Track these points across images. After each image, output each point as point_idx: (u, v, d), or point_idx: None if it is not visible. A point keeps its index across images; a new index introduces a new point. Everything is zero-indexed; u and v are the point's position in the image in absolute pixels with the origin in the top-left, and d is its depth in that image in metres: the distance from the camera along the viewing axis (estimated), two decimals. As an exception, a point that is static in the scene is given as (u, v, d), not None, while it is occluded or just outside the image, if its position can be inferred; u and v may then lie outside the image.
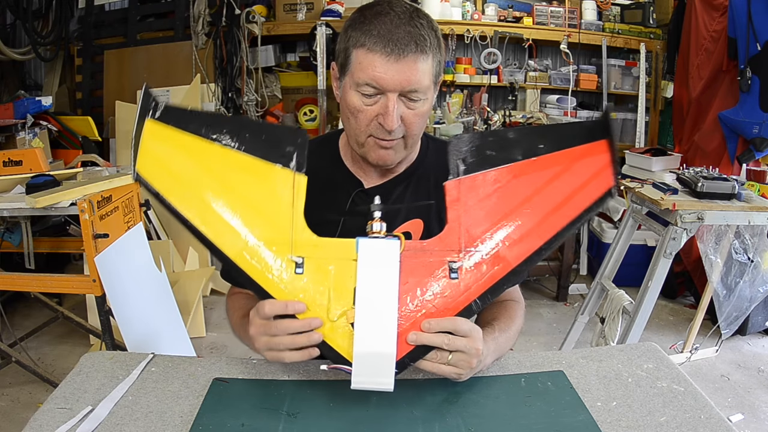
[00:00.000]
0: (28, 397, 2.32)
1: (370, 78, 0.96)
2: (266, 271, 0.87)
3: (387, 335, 0.82)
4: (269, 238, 0.89)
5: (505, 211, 0.90)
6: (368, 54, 0.95)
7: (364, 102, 0.99)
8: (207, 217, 0.89)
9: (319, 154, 1.17)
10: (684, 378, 0.95)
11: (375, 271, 0.85)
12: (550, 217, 0.89)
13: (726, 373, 2.60)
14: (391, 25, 0.95)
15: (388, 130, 0.98)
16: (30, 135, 2.81)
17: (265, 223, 0.90)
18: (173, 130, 0.92)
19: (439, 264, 0.88)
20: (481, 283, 0.87)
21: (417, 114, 1.00)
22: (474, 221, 0.90)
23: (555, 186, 0.91)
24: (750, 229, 2.41)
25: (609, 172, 0.91)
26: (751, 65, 2.79)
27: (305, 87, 3.93)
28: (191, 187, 0.91)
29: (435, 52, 0.98)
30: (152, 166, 0.91)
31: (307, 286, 0.87)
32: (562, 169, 0.91)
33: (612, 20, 3.92)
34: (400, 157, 1.08)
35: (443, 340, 0.84)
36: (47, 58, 3.69)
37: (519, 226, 0.89)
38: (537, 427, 0.83)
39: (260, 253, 0.88)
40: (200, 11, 3.49)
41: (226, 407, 0.86)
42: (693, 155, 3.22)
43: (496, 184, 0.91)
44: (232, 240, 0.89)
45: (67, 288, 2.18)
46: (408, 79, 0.95)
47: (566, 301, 3.44)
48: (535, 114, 3.78)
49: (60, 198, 1.93)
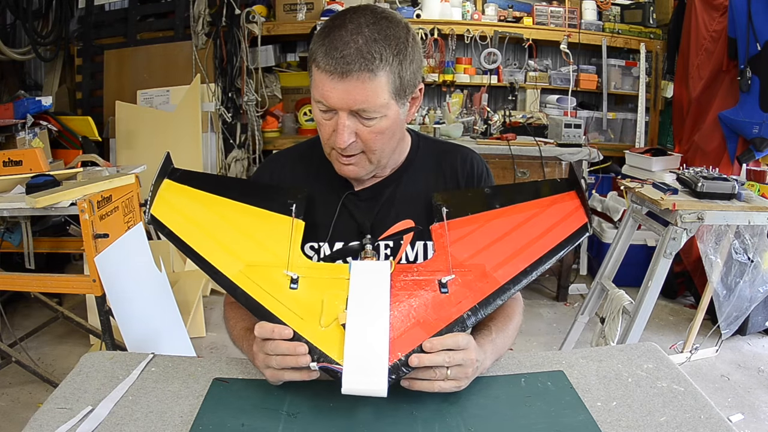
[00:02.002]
0: (28, 397, 2.32)
1: (320, 95, 0.95)
2: (262, 287, 0.91)
3: (378, 337, 0.83)
4: (267, 262, 0.96)
5: (488, 241, 0.99)
6: (318, 72, 0.94)
7: (323, 117, 0.99)
8: (210, 247, 0.97)
9: (310, 156, 1.17)
10: (684, 378, 0.95)
11: (367, 281, 0.90)
12: (531, 245, 0.98)
13: (726, 373, 2.60)
14: (340, 41, 0.92)
15: (338, 147, 0.98)
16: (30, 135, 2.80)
17: (264, 251, 0.98)
18: (188, 188, 1.06)
19: (428, 281, 0.93)
20: (470, 297, 0.91)
21: (374, 131, 0.98)
22: (459, 250, 0.98)
23: (532, 223, 1.02)
24: (750, 229, 2.41)
25: (581, 213, 1.02)
26: (751, 65, 2.79)
27: (305, 87, 3.92)
28: (198, 225, 1.01)
29: (392, 66, 0.94)
30: (165, 210, 1.02)
31: (300, 298, 0.90)
32: (538, 212, 1.04)
33: (612, 20, 3.91)
34: (366, 171, 1.06)
35: (444, 359, 0.83)
36: (47, 58, 3.69)
37: (502, 251, 0.98)
38: (537, 427, 0.83)
39: (257, 272, 0.94)
40: (200, 11, 3.48)
41: (226, 407, 0.86)
42: (693, 155, 3.22)
43: (478, 224, 1.03)
44: (232, 263, 0.95)
45: (67, 288, 2.18)
46: (354, 98, 0.93)
47: (566, 301, 3.44)
48: (535, 114, 3.78)
49: (60, 198, 1.93)
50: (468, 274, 0.94)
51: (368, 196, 1.12)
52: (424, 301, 0.90)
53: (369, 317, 0.85)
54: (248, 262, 0.95)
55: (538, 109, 3.94)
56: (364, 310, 0.85)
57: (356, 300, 0.87)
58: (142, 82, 3.61)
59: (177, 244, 0.98)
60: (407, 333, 0.85)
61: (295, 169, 1.17)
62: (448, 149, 1.21)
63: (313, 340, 0.84)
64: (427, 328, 0.86)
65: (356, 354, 0.81)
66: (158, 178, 1.04)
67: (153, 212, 1.00)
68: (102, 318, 2.00)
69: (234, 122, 3.61)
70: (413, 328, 0.85)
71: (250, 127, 3.64)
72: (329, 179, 1.13)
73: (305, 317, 0.87)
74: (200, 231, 1.00)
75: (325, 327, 0.86)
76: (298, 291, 0.91)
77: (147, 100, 3.59)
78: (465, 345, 0.85)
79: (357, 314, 0.85)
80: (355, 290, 0.88)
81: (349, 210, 1.11)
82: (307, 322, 0.86)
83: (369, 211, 1.11)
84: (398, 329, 0.85)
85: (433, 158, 1.18)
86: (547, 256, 0.96)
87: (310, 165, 1.16)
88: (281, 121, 3.89)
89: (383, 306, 0.86)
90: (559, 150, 3.26)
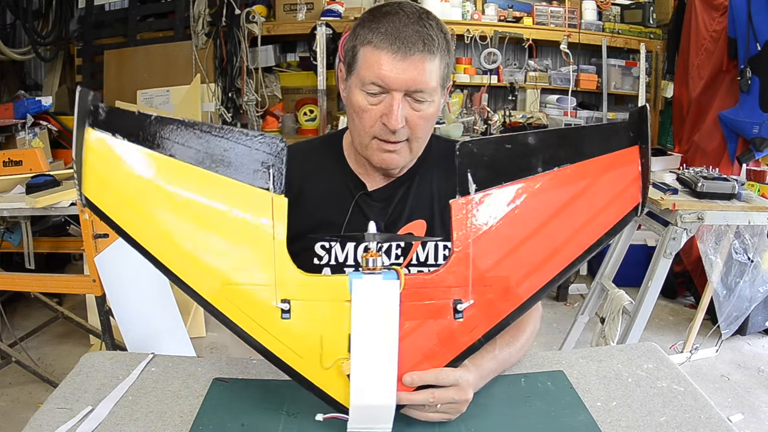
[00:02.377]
0: (28, 397, 2.32)
1: (376, 76, 0.94)
2: (249, 315, 0.78)
3: (386, 386, 0.76)
4: (250, 277, 0.78)
5: (518, 239, 0.81)
6: (375, 51, 0.94)
7: (369, 101, 0.97)
8: (174, 253, 0.78)
9: (323, 153, 1.16)
10: (684, 378, 0.95)
11: (371, 316, 0.76)
12: (567, 245, 0.81)
13: (726, 373, 2.60)
14: (399, 23, 0.94)
15: (391, 129, 0.96)
16: (30, 135, 2.80)
17: (243, 258, 0.79)
18: (121, 143, 0.78)
19: (442, 305, 0.80)
20: (486, 321, 0.81)
21: (422, 116, 0.98)
22: (483, 250, 0.80)
23: (575, 207, 0.81)
24: (750, 229, 2.41)
25: (636, 187, 0.82)
26: (751, 65, 2.78)
27: (305, 87, 3.92)
28: (151, 217, 0.78)
29: (443, 54, 0.97)
30: (101, 188, 0.77)
31: (295, 331, 0.79)
32: (585, 186, 0.81)
33: (612, 20, 3.91)
34: (404, 161, 1.05)
35: (427, 398, 0.81)
36: (47, 58, 3.69)
37: (532, 256, 0.81)
38: (537, 427, 0.83)
39: (241, 295, 0.78)
40: (200, 11, 3.48)
41: (226, 407, 0.86)
42: (693, 155, 3.22)
43: (510, 205, 0.81)
44: (206, 280, 0.78)
45: (67, 288, 2.18)
46: (414, 78, 0.94)
47: (566, 301, 3.44)
48: (535, 114, 3.78)
49: (60, 198, 1.93)
50: (488, 292, 0.80)
51: (381, 196, 1.11)
52: (435, 330, 0.80)
53: (375, 362, 0.76)
54: (225, 279, 0.78)
55: (538, 109, 3.94)
56: (370, 355, 0.76)
57: (360, 340, 0.76)
58: (142, 82, 3.61)
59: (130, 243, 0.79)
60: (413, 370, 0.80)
61: (305, 164, 1.13)
62: None
63: (317, 381, 0.79)
64: (434, 361, 0.81)
65: (363, 404, 0.76)
66: (78, 130, 0.77)
67: (87, 193, 0.77)
68: (102, 318, 2.00)
69: (234, 122, 3.61)
70: (421, 364, 0.80)
71: (250, 127, 3.64)
72: (343, 178, 1.11)
73: (304, 355, 0.79)
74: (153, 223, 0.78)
75: (326, 369, 0.79)
76: (291, 321, 0.79)
77: (147, 100, 3.59)
78: (453, 381, 0.81)
79: (362, 360, 0.76)
80: (358, 325, 0.76)
81: (362, 210, 1.10)
82: (306, 361, 0.79)
83: (382, 211, 1.10)
84: (404, 366, 0.79)
85: (445, 157, 1.15)
86: (578, 259, 0.82)
87: (324, 161, 1.14)
88: (281, 121, 3.89)
89: (391, 346, 0.76)
90: (559, 150, 3.25)
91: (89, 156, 0.77)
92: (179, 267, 0.78)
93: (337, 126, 3.61)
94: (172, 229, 0.79)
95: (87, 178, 0.77)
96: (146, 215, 0.79)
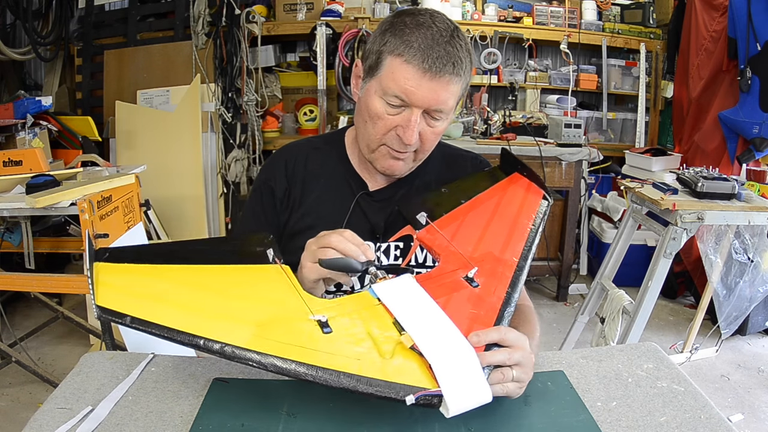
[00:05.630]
0: (28, 397, 2.32)
1: (401, 90, 0.94)
2: (291, 343, 0.74)
3: (457, 343, 0.75)
4: (279, 315, 0.79)
5: (478, 232, 1.00)
6: (404, 65, 0.94)
7: (388, 111, 0.98)
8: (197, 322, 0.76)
9: (326, 151, 1.17)
10: (684, 378, 0.94)
11: (402, 298, 0.82)
12: (516, 223, 1.02)
13: (726, 373, 2.60)
14: (432, 40, 0.93)
15: (406, 143, 0.98)
16: (30, 135, 2.80)
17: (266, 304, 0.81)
18: (131, 266, 0.84)
19: (455, 280, 0.88)
20: (500, 283, 0.89)
21: (435, 132, 1.01)
22: (460, 244, 0.96)
23: (503, 206, 1.06)
24: (750, 229, 2.41)
25: (534, 187, 1.10)
26: (751, 65, 2.79)
27: (305, 87, 3.93)
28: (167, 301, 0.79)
29: (467, 75, 0.98)
30: (114, 295, 0.78)
31: (342, 338, 0.77)
32: (500, 197, 1.09)
33: (612, 20, 3.92)
34: (408, 168, 1.08)
35: (504, 357, 0.77)
36: (47, 58, 3.69)
37: (496, 236, 0.98)
38: (537, 427, 0.83)
39: (276, 329, 0.76)
40: (200, 11, 3.49)
41: (226, 407, 0.86)
42: (693, 155, 3.22)
43: (458, 220, 1.02)
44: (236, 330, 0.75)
45: (67, 288, 2.18)
46: (438, 98, 0.95)
47: (566, 301, 3.44)
48: (535, 114, 3.78)
49: (60, 198, 1.93)
50: (485, 264, 0.91)
51: (382, 197, 1.12)
52: (464, 299, 0.85)
53: (433, 328, 0.76)
54: (258, 321, 0.77)
55: (538, 109, 3.94)
56: (424, 324, 0.77)
57: (407, 317, 0.78)
58: (142, 82, 3.61)
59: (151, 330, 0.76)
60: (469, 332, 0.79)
61: (308, 163, 1.15)
62: (459, 153, 1.23)
63: (385, 377, 0.72)
64: (482, 322, 0.82)
65: (447, 370, 0.72)
66: (89, 267, 0.82)
67: (100, 303, 0.76)
68: (102, 318, 2.00)
69: (234, 122, 3.61)
70: (473, 326, 0.80)
71: (250, 127, 3.64)
72: (345, 178, 1.13)
73: (361, 357, 0.74)
74: (173, 307, 0.78)
75: (390, 358, 0.74)
76: (334, 334, 0.77)
77: (147, 100, 3.59)
78: (516, 340, 0.79)
79: (420, 330, 0.76)
80: (398, 309, 0.79)
81: (362, 210, 1.11)
82: (365, 362, 0.74)
83: (382, 211, 1.11)
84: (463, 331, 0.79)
85: (445, 161, 1.19)
86: (532, 231, 1.00)
87: (326, 161, 1.15)
88: (281, 121, 3.89)
89: (438, 313, 0.79)
90: (559, 150, 3.26)
91: (100, 277, 0.81)
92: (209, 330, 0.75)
93: (337, 125, 3.61)
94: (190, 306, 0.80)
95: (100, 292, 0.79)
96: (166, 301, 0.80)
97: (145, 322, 0.76)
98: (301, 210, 1.11)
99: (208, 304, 0.80)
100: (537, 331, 1.02)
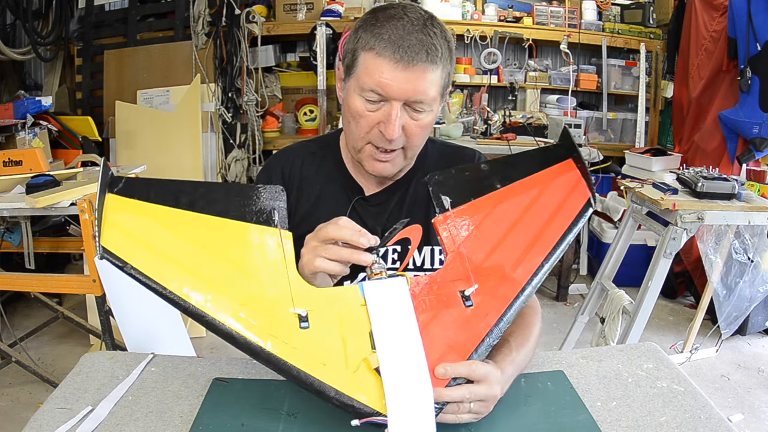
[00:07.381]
0: (28, 397, 2.32)
1: (376, 84, 0.93)
2: (269, 330, 0.79)
3: (419, 376, 0.76)
4: (264, 295, 0.82)
5: (499, 235, 0.91)
6: (376, 58, 0.92)
7: (367, 107, 0.96)
8: (190, 284, 0.81)
9: (321, 156, 1.15)
10: (684, 378, 0.94)
11: (389, 312, 0.80)
12: (543, 233, 0.91)
13: (726, 373, 2.60)
14: (403, 30, 0.92)
15: (388, 138, 0.95)
16: (30, 135, 2.80)
17: (256, 282, 0.84)
18: (138, 202, 0.86)
19: (450, 295, 0.84)
20: (496, 306, 0.84)
21: (420, 125, 0.98)
22: (473, 248, 0.89)
23: (538, 205, 0.94)
24: (750, 229, 2.41)
25: (583, 186, 0.96)
26: (751, 65, 2.79)
27: (305, 87, 3.93)
28: (167, 255, 0.83)
29: (445, 63, 0.96)
30: (120, 239, 0.83)
31: (316, 338, 0.80)
32: (540, 191, 0.96)
33: (612, 20, 3.92)
34: (398, 168, 1.05)
35: (464, 394, 0.78)
36: (47, 58, 3.69)
37: (516, 245, 0.90)
38: (537, 427, 0.83)
39: (258, 312, 0.80)
40: (200, 11, 3.48)
41: (226, 407, 0.86)
42: (693, 155, 3.22)
43: (483, 211, 0.93)
44: (222, 304, 0.81)
45: (67, 288, 2.18)
46: (415, 88, 0.93)
47: (566, 301, 3.44)
48: (535, 114, 3.78)
49: (60, 198, 1.93)
50: (489, 279, 0.86)
51: (378, 201, 1.11)
52: (451, 319, 0.82)
53: (402, 354, 0.76)
54: (242, 299, 0.81)
55: (538, 109, 3.94)
56: (395, 346, 0.77)
57: (382, 333, 0.78)
58: (142, 82, 3.61)
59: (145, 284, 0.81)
60: (441, 361, 0.79)
61: (304, 167, 1.13)
62: (455, 151, 1.20)
63: (344, 389, 0.76)
64: (460, 350, 0.80)
65: (399, 401, 0.74)
66: (100, 196, 0.85)
67: (105, 243, 0.81)
68: (102, 318, 2.00)
69: (234, 122, 3.61)
70: (448, 354, 0.79)
71: (250, 127, 3.64)
72: (341, 182, 1.11)
73: (328, 362, 0.77)
74: (170, 262, 0.82)
75: (354, 371, 0.77)
76: (310, 330, 0.80)
77: (147, 100, 3.59)
78: (484, 376, 0.79)
79: (388, 353, 0.76)
80: (377, 320, 0.79)
81: (359, 215, 1.09)
82: (330, 369, 0.77)
83: (379, 216, 1.10)
84: (432, 358, 0.78)
85: (444, 160, 1.16)
86: (558, 244, 0.91)
87: (322, 165, 1.14)
88: (281, 121, 3.89)
89: (413, 336, 0.78)
90: (559, 150, 3.25)
91: (109, 214, 0.85)
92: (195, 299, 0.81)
93: (337, 125, 3.60)
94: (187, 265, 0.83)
95: (106, 232, 0.83)
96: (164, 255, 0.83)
97: (143, 275, 0.81)
98: (297, 217, 1.10)
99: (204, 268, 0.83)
100: (533, 336, 0.97)
